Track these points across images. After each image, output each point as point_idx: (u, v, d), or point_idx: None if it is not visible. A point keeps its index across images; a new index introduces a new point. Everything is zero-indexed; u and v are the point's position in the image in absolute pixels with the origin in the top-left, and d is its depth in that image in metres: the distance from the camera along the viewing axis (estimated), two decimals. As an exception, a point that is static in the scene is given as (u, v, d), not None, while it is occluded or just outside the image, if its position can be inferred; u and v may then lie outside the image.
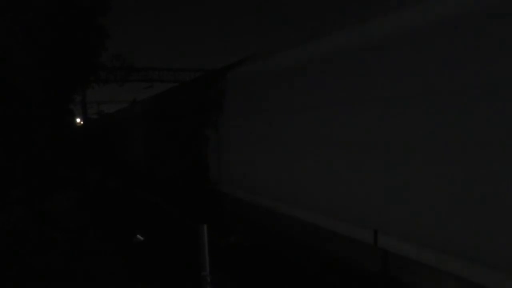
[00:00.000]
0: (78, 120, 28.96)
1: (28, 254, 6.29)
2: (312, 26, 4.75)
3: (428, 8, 3.05)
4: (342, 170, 3.85)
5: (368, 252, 3.54)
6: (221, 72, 6.94)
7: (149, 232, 7.39)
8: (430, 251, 2.97)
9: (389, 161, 3.30)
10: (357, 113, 3.65)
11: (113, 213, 9.53)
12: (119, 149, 16.65)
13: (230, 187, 6.23)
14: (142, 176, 12.27)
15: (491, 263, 2.57)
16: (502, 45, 2.49)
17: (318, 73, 4.23)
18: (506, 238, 2.50)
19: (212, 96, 6.89)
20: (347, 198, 3.79)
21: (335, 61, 4.00)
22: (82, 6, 11.00)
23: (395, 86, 3.25)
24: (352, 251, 3.76)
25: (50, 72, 9.89)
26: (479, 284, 2.64)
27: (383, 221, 3.38)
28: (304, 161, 4.42)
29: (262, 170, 5.27)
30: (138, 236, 7.19)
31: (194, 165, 7.71)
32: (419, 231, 3.05)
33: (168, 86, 16.35)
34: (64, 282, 5.30)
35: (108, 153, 19.35)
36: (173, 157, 9.07)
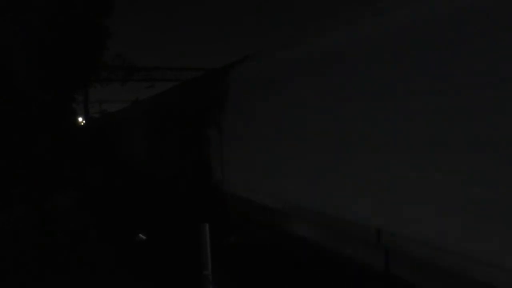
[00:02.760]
0: (80, 119, 28.98)
1: (29, 255, 6.27)
2: (311, 26, 4.74)
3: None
4: (344, 168, 3.81)
5: (371, 250, 3.50)
6: (223, 71, 6.91)
7: (151, 231, 7.37)
8: (431, 250, 2.93)
9: (388, 159, 3.26)
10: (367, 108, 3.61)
11: (114, 213, 9.51)
12: (120, 149, 16.65)
13: (232, 186, 6.20)
14: (144, 176, 12.26)
15: (492, 261, 2.54)
16: None
17: (318, 71, 4.18)
18: (504, 237, 2.47)
19: (214, 96, 6.86)
20: (348, 196, 3.75)
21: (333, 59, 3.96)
22: (84, 6, 10.98)
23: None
24: (354, 249, 3.72)
25: (51, 71, 9.87)
26: (482, 282, 2.61)
27: (385, 220, 3.33)
28: (305, 159, 4.38)
29: (263, 169, 5.24)
30: (140, 235, 7.17)
31: (196, 164, 7.68)
32: (421, 229, 3.01)
33: (170, 86, 16.33)
34: (65, 282, 5.28)
35: (109, 153, 19.36)
36: (175, 157, 9.04)
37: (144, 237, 7.12)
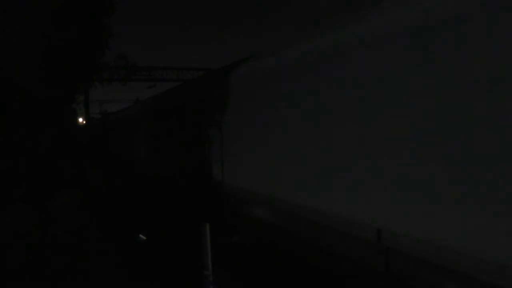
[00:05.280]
0: (80, 119, 28.92)
1: (30, 254, 6.27)
2: (310, 27, 4.75)
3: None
4: (345, 168, 3.81)
5: (372, 250, 3.50)
6: (224, 72, 6.91)
7: (151, 231, 7.37)
8: (431, 249, 2.94)
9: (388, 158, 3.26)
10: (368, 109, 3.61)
11: (115, 213, 9.51)
12: (121, 149, 16.65)
13: (232, 186, 6.20)
14: (144, 176, 12.26)
15: (491, 259, 2.54)
16: None
17: (319, 71, 4.18)
18: (505, 237, 2.47)
19: (215, 96, 6.85)
20: (348, 196, 3.75)
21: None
22: (86, 5, 10.95)
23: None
24: (355, 248, 3.72)
25: (52, 71, 9.85)
26: (481, 281, 2.61)
27: (386, 219, 3.33)
28: (307, 159, 4.38)
29: (264, 169, 5.24)
30: (141, 235, 7.18)
31: (197, 164, 7.68)
32: (421, 229, 3.01)
33: (170, 86, 16.32)
34: (66, 282, 5.28)
35: (110, 153, 19.36)
36: (176, 157, 9.04)
37: (144, 237, 7.12)
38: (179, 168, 8.81)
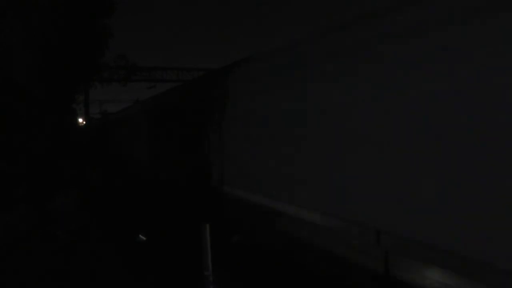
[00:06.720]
0: (80, 119, 28.92)
1: (30, 255, 6.27)
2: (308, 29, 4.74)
3: None
4: (344, 168, 3.81)
5: (371, 251, 3.50)
6: (224, 72, 6.90)
7: (151, 232, 7.37)
8: (431, 250, 2.93)
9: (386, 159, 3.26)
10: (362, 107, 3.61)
11: (115, 214, 9.51)
12: (120, 149, 16.65)
13: (232, 186, 6.20)
14: (144, 176, 12.26)
15: (493, 262, 2.54)
16: None
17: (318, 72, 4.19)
18: (505, 238, 2.47)
19: (215, 96, 6.85)
20: (346, 196, 3.75)
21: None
22: (85, 5, 10.97)
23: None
24: (354, 250, 3.72)
25: (52, 71, 9.86)
26: (481, 283, 2.61)
27: (385, 220, 3.33)
28: (305, 159, 4.38)
29: (263, 169, 5.24)
30: (140, 236, 7.17)
31: (197, 165, 7.68)
32: (420, 230, 3.01)
33: (170, 86, 16.31)
34: (66, 282, 5.28)
35: (110, 153, 19.36)
36: (176, 157, 9.04)
37: (144, 238, 7.12)
38: (179, 168, 8.81)
